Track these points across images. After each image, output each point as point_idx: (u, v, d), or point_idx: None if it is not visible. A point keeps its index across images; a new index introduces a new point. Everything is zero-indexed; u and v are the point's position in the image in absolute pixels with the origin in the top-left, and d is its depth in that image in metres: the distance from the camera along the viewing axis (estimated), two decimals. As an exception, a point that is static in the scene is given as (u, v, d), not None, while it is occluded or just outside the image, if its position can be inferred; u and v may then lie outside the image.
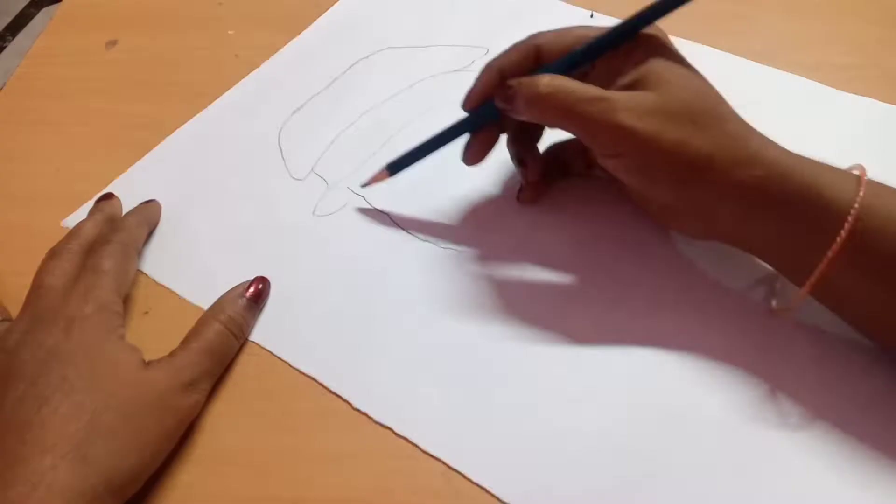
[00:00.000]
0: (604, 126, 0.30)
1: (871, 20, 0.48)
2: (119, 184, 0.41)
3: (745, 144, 0.30)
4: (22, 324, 0.30)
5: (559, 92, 0.31)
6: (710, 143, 0.29)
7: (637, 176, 0.32)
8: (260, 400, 0.32)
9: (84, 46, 0.50)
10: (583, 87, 0.31)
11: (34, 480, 0.25)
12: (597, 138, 0.31)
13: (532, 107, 0.32)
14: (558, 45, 0.33)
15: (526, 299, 0.35)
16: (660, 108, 0.30)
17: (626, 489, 0.29)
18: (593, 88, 0.31)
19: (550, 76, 0.31)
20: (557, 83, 0.31)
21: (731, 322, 0.33)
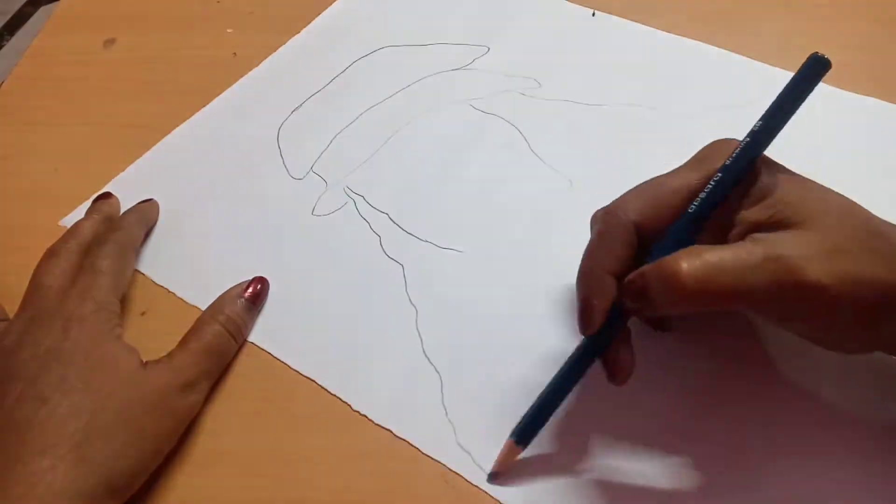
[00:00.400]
0: (787, 290, 0.24)
1: (871, 20, 0.47)
2: (117, 183, 0.41)
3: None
4: (20, 323, 0.30)
5: (711, 273, 0.25)
6: (889, 267, 0.24)
7: (821, 334, 0.27)
8: (259, 401, 0.32)
9: (82, 45, 0.50)
10: (735, 255, 0.25)
11: (33, 480, 0.25)
12: (779, 305, 0.25)
13: (680, 301, 0.25)
14: (656, 211, 0.28)
15: (528, 300, 0.34)
16: (832, 247, 0.24)
17: (627, 492, 0.29)
18: (750, 250, 0.25)
19: (686, 256, 0.25)
20: (703, 264, 0.25)
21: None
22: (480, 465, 0.29)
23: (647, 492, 0.28)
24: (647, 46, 0.46)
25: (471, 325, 0.34)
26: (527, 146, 0.41)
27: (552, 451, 0.30)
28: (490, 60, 0.46)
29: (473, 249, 0.37)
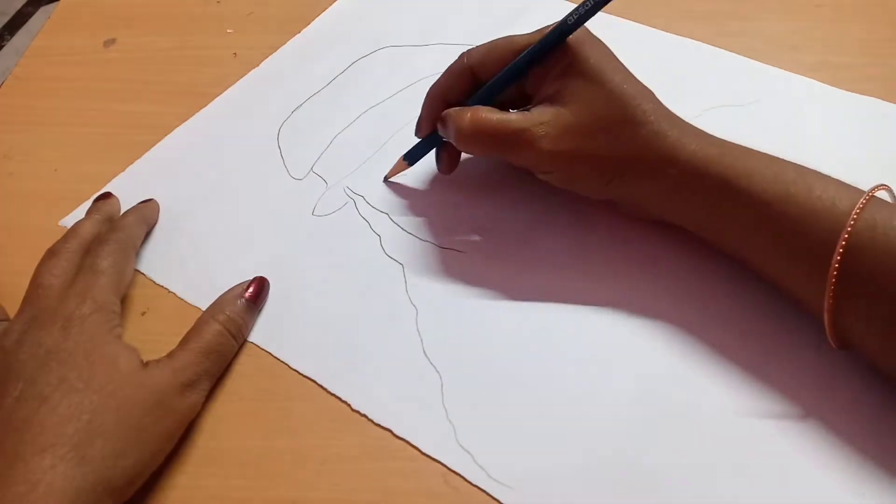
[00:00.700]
0: (530, 154, 0.33)
1: (872, 20, 0.47)
2: (117, 183, 0.41)
3: (659, 146, 0.31)
4: (20, 323, 0.30)
5: (481, 129, 0.33)
6: (624, 150, 0.32)
7: (570, 184, 0.34)
8: (259, 401, 0.32)
9: (82, 45, 0.50)
10: (503, 122, 0.33)
11: (33, 480, 0.25)
12: (526, 163, 0.34)
13: (460, 142, 0.34)
14: (489, 61, 0.35)
15: (527, 299, 0.34)
16: (573, 126, 0.32)
17: (627, 492, 0.29)
18: (513, 120, 0.33)
19: (473, 111, 0.34)
20: (479, 120, 0.33)
21: (734, 320, 0.33)
22: (481, 465, 0.29)
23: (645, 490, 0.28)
24: (647, 46, 0.46)
25: (471, 325, 0.34)
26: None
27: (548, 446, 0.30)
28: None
29: (473, 249, 0.37)
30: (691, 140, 0.31)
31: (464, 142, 0.34)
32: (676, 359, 0.32)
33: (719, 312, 0.33)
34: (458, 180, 0.40)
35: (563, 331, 0.33)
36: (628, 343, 0.33)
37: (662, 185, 0.32)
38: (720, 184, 0.30)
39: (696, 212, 0.32)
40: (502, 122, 0.33)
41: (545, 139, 0.32)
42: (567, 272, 0.35)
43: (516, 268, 0.36)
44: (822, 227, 0.28)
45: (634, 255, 0.36)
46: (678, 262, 0.35)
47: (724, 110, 0.42)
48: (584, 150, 0.32)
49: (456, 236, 0.37)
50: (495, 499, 0.29)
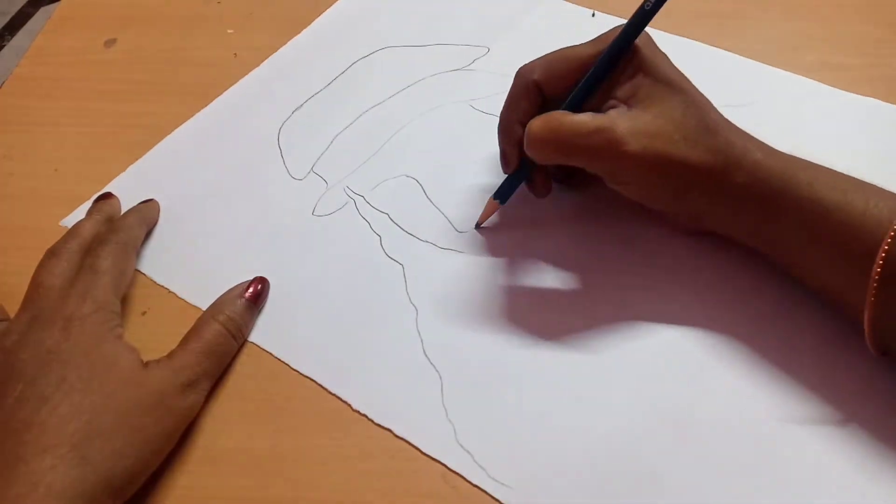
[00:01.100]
0: (611, 158, 0.31)
1: (872, 20, 0.47)
2: (117, 183, 0.41)
3: (730, 154, 0.31)
4: (20, 323, 0.30)
5: (554, 132, 0.31)
6: (703, 158, 0.31)
7: (642, 192, 0.33)
8: (259, 401, 0.32)
9: (82, 46, 0.50)
10: (578, 122, 0.31)
11: (34, 480, 0.25)
12: (604, 167, 0.32)
13: (533, 148, 0.32)
14: (554, 74, 0.33)
15: (528, 300, 0.34)
16: (658, 131, 0.31)
17: (628, 493, 0.29)
18: (589, 120, 0.31)
19: (542, 117, 0.32)
20: (549, 124, 0.31)
21: (737, 323, 0.33)
22: (481, 465, 0.29)
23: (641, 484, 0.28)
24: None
25: (471, 325, 0.34)
26: (527, 146, 0.41)
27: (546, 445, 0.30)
28: (490, 61, 0.46)
29: (473, 249, 0.37)
30: (755, 149, 0.31)
31: (536, 148, 0.32)
32: (677, 359, 0.32)
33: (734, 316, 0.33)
34: (459, 181, 0.40)
35: (564, 331, 0.33)
36: (629, 343, 0.33)
37: (728, 194, 0.31)
38: (783, 190, 0.30)
39: (753, 219, 0.32)
40: (578, 123, 0.31)
41: (632, 139, 0.30)
42: (568, 272, 0.35)
43: (517, 268, 0.36)
44: (871, 236, 0.28)
45: (637, 254, 0.36)
46: (678, 263, 0.35)
47: (724, 110, 0.42)
48: (668, 157, 0.31)
49: (456, 236, 0.37)
50: (495, 499, 0.29)
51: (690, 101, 0.31)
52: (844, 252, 0.29)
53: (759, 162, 0.31)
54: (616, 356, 0.32)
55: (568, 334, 0.33)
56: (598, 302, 0.34)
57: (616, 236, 0.36)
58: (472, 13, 0.50)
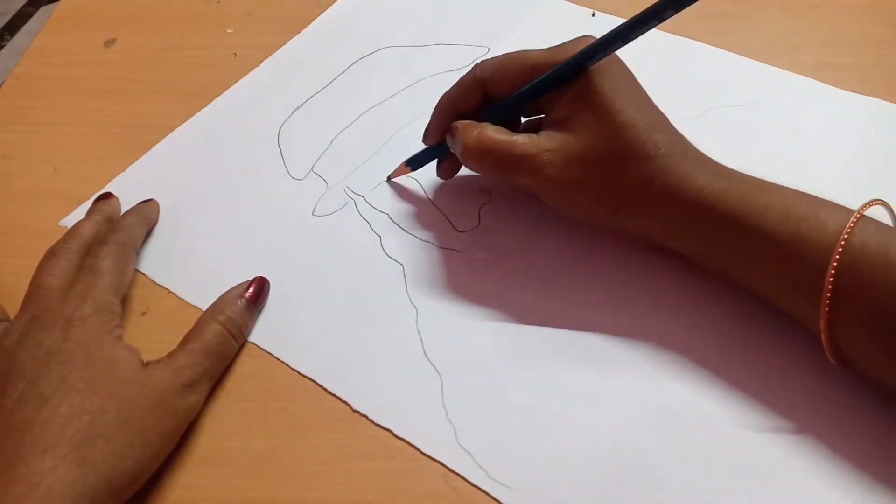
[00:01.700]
0: (533, 180, 0.32)
1: (872, 20, 0.48)
2: (117, 183, 0.41)
3: (665, 181, 0.31)
4: (20, 324, 0.30)
5: (485, 149, 0.33)
6: (629, 183, 0.31)
7: (574, 212, 0.34)
8: (259, 401, 0.32)
9: (82, 45, 0.50)
10: (509, 144, 0.32)
11: (34, 481, 0.25)
12: (530, 188, 0.33)
13: (466, 158, 0.34)
14: (502, 76, 0.34)
15: (528, 300, 0.34)
16: (579, 156, 0.31)
17: (628, 493, 0.29)
18: (519, 144, 0.32)
19: (481, 129, 0.33)
20: (481, 140, 0.33)
21: (734, 324, 0.33)
22: (482, 466, 0.29)
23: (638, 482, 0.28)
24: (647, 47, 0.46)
25: (471, 325, 0.34)
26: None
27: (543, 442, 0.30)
28: (490, 60, 0.46)
29: (473, 249, 0.37)
30: (700, 175, 0.31)
31: (469, 159, 0.34)
32: (677, 360, 0.32)
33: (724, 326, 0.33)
34: (458, 181, 0.40)
35: (564, 331, 0.33)
36: (629, 343, 0.33)
37: (667, 219, 0.32)
38: (728, 220, 0.30)
39: (701, 245, 0.32)
40: (508, 145, 0.32)
41: (550, 167, 0.31)
42: (568, 272, 0.35)
43: (517, 268, 0.36)
44: (822, 256, 0.28)
45: (637, 255, 0.36)
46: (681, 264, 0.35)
47: (724, 110, 0.42)
48: (589, 181, 0.32)
49: (456, 236, 0.37)
50: (495, 499, 0.29)
51: (626, 125, 0.31)
52: (796, 277, 0.29)
53: (701, 189, 0.30)
54: (616, 356, 0.32)
55: (568, 334, 0.33)
56: (598, 302, 0.34)
57: (620, 238, 0.36)
58: (472, 13, 0.50)
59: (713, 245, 0.31)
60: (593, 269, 0.35)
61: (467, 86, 0.35)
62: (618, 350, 0.33)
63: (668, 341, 0.33)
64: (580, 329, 0.33)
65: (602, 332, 0.33)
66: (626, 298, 0.34)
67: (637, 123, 0.31)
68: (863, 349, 0.29)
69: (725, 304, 0.34)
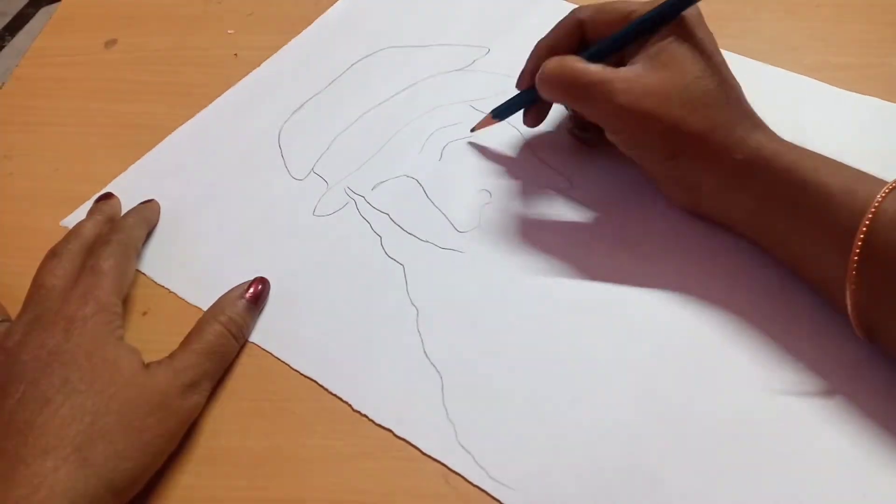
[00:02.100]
0: (604, 107, 0.33)
1: (872, 20, 0.47)
2: (118, 183, 0.41)
3: (732, 131, 0.32)
4: (22, 324, 0.30)
5: (563, 75, 0.33)
6: (699, 126, 0.32)
7: (635, 150, 0.35)
8: (260, 401, 0.32)
9: (83, 46, 0.50)
10: (586, 71, 0.33)
11: (36, 482, 0.25)
12: (599, 117, 0.34)
13: (542, 84, 0.35)
14: (600, 20, 0.35)
15: (528, 300, 0.34)
16: (657, 90, 0.32)
17: (628, 492, 0.29)
18: (597, 71, 0.33)
19: (558, 58, 0.34)
20: (561, 66, 0.34)
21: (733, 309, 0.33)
22: (482, 466, 0.29)
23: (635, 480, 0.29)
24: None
25: (471, 325, 0.34)
26: (527, 146, 0.41)
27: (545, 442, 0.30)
28: (490, 61, 0.46)
29: (474, 249, 0.37)
30: (761, 134, 0.32)
31: (544, 84, 0.34)
32: (678, 360, 0.32)
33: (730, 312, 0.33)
34: (459, 181, 0.40)
35: (564, 331, 0.33)
36: (629, 343, 0.33)
37: (724, 171, 0.32)
38: (785, 172, 0.31)
39: (750, 200, 0.32)
40: (584, 71, 0.33)
41: (623, 95, 0.32)
42: (568, 272, 0.35)
43: (517, 268, 0.36)
44: (856, 220, 0.28)
45: (637, 257, 0.36)
46: (680, 267, 0.35)
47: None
48: (659, 116, 0.32)
49: (456, 236, 0.37)
50: (495, 499, 0.29)
51: (710, 71, 0.32)
52: (832, 238, 0.29)
53: (762, 144, 0.31)
54: (616, 356, 0.32)
55: (568, 334, 0.33)
56: (598, 302, 0.34)
57: (616, 237, 0.36)
58: (472, 13, 0.50)
59: (762, 202, 0.32)
60: (593, 269, 0.35)
61: (565, 29, 0.36)
62: (619, 350, 0.33)
63: (670, 341, 0.33)
64: (580, 329, 0.33)
65: (602, 332, 0.33)
66: (627, 299, 0.34)
67: (720, 71, 0.33)
68: (886, 324, 0.29)
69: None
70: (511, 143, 0.41)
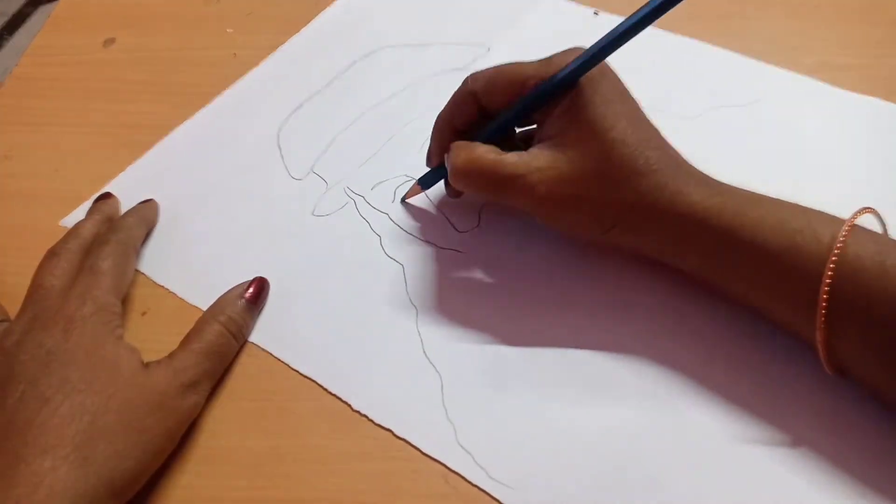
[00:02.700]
0: (526, 200, 0.32)
1: (872, 20, 0.48)
2: (117, 183, 0.41)
3: (660, 195, 0.30)
4: (21, 324, 0.30)
5: (474, 170, 0.32)
6: (621, 200, 0.31)
7: (567, 230, 0.34)
8: (259, 401, 0.32)
9: (82, 45, 0.50)
10: (497, 164, 0.32)
11: (35, 482, 0.25)
12: (523, 207, 0.33)
13: (455, 180, 0.33)
14: (494, 89, 0.33)
15: (528, 300, 0.34)
16: (572, 175, 0.31)
17: (627, 492, 0.29)
18: (508, 164, 0.32)
19: (468, 150, 0.33)
20: (471, 161, 0.32)
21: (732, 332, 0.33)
22: (482, 466, 0.29)
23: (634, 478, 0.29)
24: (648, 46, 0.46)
25: (471, 325, 0.34)
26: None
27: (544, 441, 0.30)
28: (491, 60, 0.46)
29: (474, 249, 0.37)
30: (693, 190, 0.30)
31: (458, 180, 0.33)
32: (678, 359, 0.32)
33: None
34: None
35: (564, 331, 0.33)
36: (630, 344, 0.33)
37: (660, 235, 0.31)
38: (723, 234, 0.30)
39: (696, 259, 0.32)
40: (497, 164, 0.32)
41: (540, 185, 0.31)
42: (568, 272, 0.35)
43: (517, 268, 0.36)
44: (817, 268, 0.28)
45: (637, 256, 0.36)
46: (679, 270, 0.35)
47: (724, 110, 0.42)
48: (581, 199, 0.31)
49: (456, 236, 0.37)
50: (495, 499, 0.29)
51: (616, 142, 0.30)
52: (791, 289, 0.29)
53: (694, 204, 0.30)
54: (617, 357, 0.32)
55: (568, 334, 0.33)
56: (598, 302, 0.34)
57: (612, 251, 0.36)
58: (472, 13, 0.50)
59: (708, 259, 0.31)
60: (593, 269, 0.35)
61: (460, 101, 0.35)
62: (619, 351, 0.33)
63: (668, 341, 0.33)
64: (581, 329, 0.33)
65: (603, 332, 0.33)
66: (627, 299, 0.34)
67: (628, 139, 0.30)
68: (860, 361, 0.28)
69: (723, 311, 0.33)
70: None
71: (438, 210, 0.38)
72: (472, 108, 0.34)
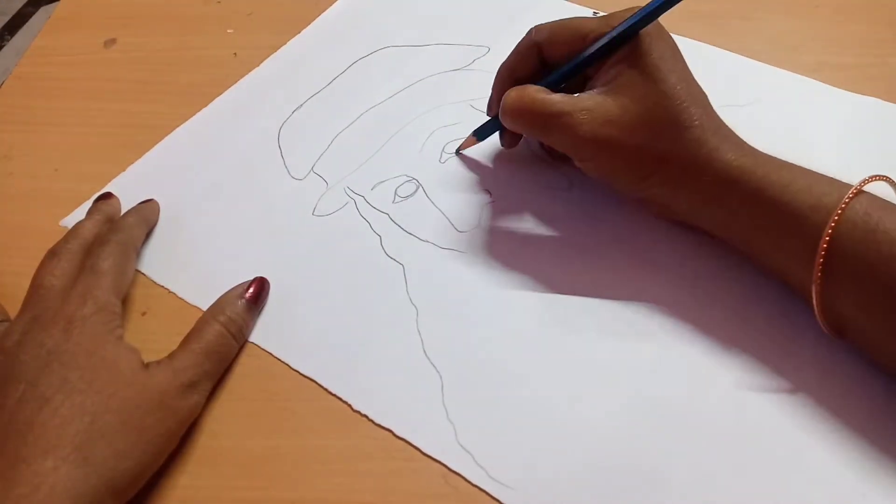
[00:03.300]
0: (568, 138, 0.33)
1: (872, 20, 0.47)
2: (117, 183, 0.41)
3: (698, 151, 0.32)
4: (21, 324, 0.30)
5: (523, 108, 0.34)
6: (664, 150, 0.32)
7: (603, 175, 0.35)
8: (259, 401, 0.32)
9: (82, 45, 0.50)
10: (545, 102, 0.33)
11: (36, 482, 0.25)
12: (564, 147, 0.34)
13: (504, 118, 0.35)
14: (557, 41, 0.35)
15: (529, 300, 0.34)
16: (618, 118, 0.32)
17: (628, 492, 0.29)
18: (556, 102, 0.33)
19: (519, 89, 0.34)
20: (521, 99, 0.34)
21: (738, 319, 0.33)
22: (482, 466, 0.29)
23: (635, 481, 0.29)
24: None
25: (471, 325, 0.34)
26: (527, 146, 0.41)
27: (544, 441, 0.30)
28: (490, 61, 0.46)
29: (474, 249, 0.37)
30: (729, 149, 0.32)
31: (507, 117, 0.34)
32: (676, 359, 0.32)
33: (722, 313, 0.33)
34: (459, 180, 0.40)
35: (564, 331, 0.33)
36: (629, 343, 0.33)
37: (695, 190, 0.32)
38: (753, 192, 0.31)
39: (723, 216, 0.33)
40: (545, 103, 0.33)
41: (585, 125, 0.32)
42: (568, 273, 0.35)
43: (517, 268, 0.36)
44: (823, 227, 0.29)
45: (636, 257, 0.36)
46: (680, 266, 0.35)
47: (724, 110, 0.42)
48: (623, 144, 0.32)
49: (456, 236, 0.37)
50: (495, 499, 0.29)
51: (667, 93, 0.32)
52: (802, 247, 0.30)
53: (729, 163, 0.31)
54: (616, 356, 0.32)
55: (568, 334, 0.33)
56: (598, 302, 0.34)
57: (615, 236, 0.36)
58: (472, 13, 0.50)
59: (735, 216, 0.32)
60: (594, 269, 0.35)
61: (522, 51, 0.36)
62: (619, 351, 0.33)
63: (669, 340, 0.33)
64: (581, 329, 0.33)
65: (603, 331, 0.33)
66: (627, 300, 0.34)
67: (677, 94, 0.32)
68: (852, 320, 0.29)
69: (734, 289, 0.34)
70: (511, 143, 0.41)
71: (438, 210, 0.38)
72: (535, 58, 0.36)
